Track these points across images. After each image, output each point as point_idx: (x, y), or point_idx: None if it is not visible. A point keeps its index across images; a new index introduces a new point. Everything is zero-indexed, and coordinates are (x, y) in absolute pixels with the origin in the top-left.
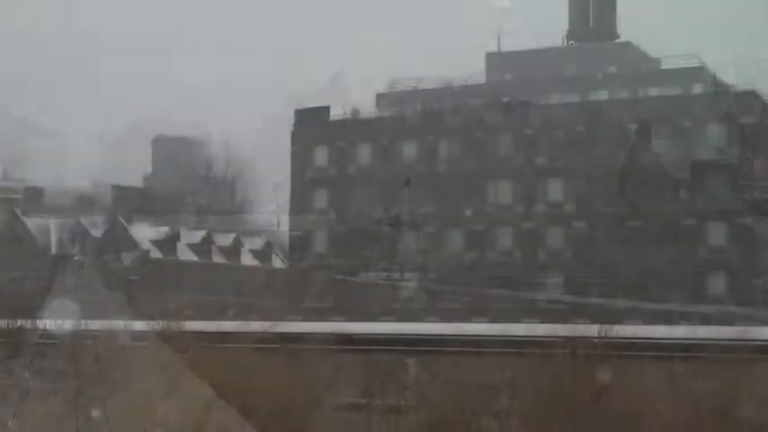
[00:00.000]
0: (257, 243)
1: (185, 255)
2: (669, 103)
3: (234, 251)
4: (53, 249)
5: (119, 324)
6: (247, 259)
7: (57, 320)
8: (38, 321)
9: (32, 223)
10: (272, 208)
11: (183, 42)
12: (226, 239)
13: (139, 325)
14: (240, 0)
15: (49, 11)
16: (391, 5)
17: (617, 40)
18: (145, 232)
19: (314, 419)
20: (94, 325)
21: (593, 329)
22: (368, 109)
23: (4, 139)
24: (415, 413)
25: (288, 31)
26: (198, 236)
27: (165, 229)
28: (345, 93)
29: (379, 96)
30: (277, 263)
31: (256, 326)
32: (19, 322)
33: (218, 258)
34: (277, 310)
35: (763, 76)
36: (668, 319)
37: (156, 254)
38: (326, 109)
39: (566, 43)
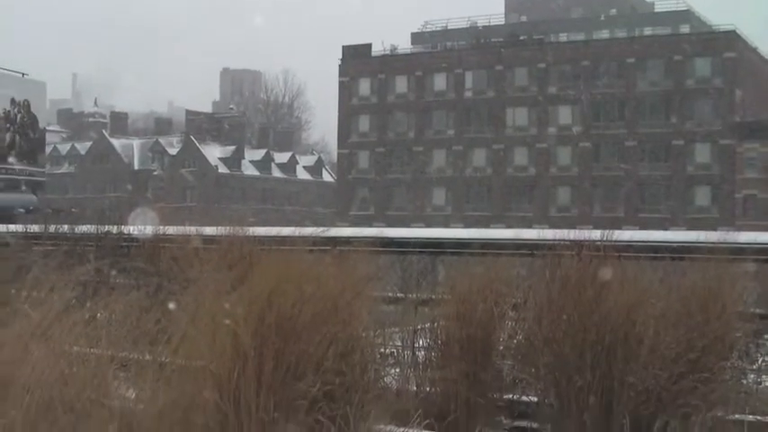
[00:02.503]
0: (310, 160)
1: (248, 170)
2: (661, 41)
3: (290, 167)
4: (136, 165)
5: (192, 229)
6: (302, 174)
7: (139, 226)
8: (122, 227)
9: (118, 143)
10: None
11: None
12: (283, 157)
13: (209, 230)
14: None
15: None
16: None
17: None
18: (214, 151)
19: (359, 309)
20: (171, 230)
21: (596, 234)
22: (404, 46)
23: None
24: (444, 304)
25: None
26: (259, 153)
27: (231, 148)
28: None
29: (414, 35)
30: (327, 177)
31: (309, 231)
32: (106, 228)
33: (276, 173)
34: (327, 217)
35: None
36: (661, 225)
37: (223, 169)
38: (369, 46)
39: None
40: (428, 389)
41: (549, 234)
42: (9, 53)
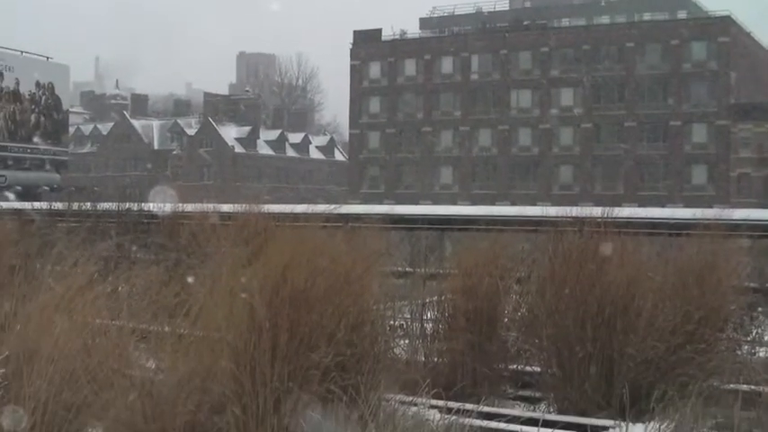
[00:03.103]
0: (323, 140)
1: (263, 150)
2: (659, 26)
3: (303, 147)
4: (155, 145)
5: (209, 206)
6: (315, 153)
7: (158, 203)
8: (143, 204)
9: (139, 124)
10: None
11: None
12: (297, 137)
13: (226, 207)
14: None
15: None
16: None
17: None
18: (230, 131)
19: (370, 283)
20: (189, 207)
21: (596, 211)
22: (413, 31)
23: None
24: (451, 278)
25: None
26: (274, 134)
27: (246, 129)
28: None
29: (423, 20)
30: (339, 156)
31: (322, 208)
32: (127, 205)
33: (290, 153)
34: (339, 194)
35: (738, 3)
36: (659, 202)
37: (239, 149)
38: (379, 31)
39: None
40: (436, 359)
41: (551, 211)
42: (34, 38)
